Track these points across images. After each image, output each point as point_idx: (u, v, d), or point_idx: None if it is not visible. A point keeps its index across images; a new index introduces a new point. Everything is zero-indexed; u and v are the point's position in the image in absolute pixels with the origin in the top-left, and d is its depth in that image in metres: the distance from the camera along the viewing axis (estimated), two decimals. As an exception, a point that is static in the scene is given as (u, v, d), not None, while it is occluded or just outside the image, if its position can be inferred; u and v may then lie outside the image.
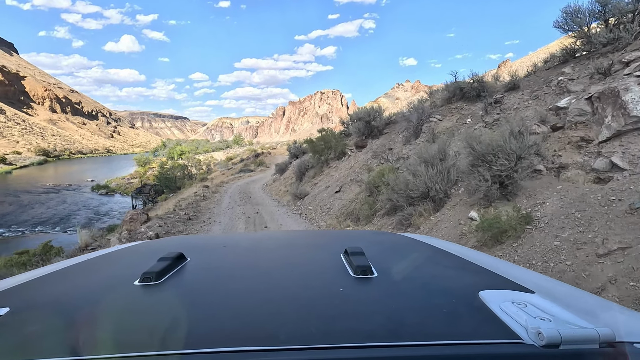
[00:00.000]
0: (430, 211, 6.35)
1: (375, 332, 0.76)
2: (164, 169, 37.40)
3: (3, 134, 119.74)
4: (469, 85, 10.80)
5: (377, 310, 0.88)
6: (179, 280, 1.12)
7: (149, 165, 51.85)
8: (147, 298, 1.00)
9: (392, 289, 1.03)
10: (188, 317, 0.85)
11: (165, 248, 1.51)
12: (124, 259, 1.55)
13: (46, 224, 27.68)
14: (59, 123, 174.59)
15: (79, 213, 31.80)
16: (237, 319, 0.85)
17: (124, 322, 0.86)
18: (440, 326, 0.79)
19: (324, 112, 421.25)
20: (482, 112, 9.05)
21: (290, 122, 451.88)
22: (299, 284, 1.11)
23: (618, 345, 0.65)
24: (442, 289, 1.05)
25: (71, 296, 1.08)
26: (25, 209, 33.70)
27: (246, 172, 27.71)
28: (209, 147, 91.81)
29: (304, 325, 0.80)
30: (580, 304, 0.97)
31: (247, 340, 0.73)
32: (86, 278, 1.28)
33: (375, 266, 1.16)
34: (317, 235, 2.47)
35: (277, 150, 45.66)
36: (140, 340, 0.76)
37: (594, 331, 0.65)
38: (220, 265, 1.36)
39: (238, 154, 52.70)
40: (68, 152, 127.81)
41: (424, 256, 1.44)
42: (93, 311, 0.92)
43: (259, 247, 1.71)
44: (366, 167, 11.50)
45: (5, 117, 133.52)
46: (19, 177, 60.69)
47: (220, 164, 42.93)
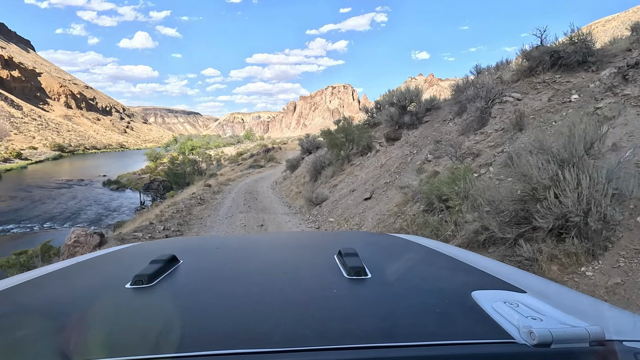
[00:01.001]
0: (580, 257, 3.24)
1: (369, 333, 0.77)
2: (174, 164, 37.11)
3: (20, 129, 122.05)
4: (568, 48, 7.49)
5: (371, 311, 0.90)
6: (171, 283, 1.12)
7: (160, 161, 51.71)
8: (139, 301, 0.99)
9: (386, 290, 1.04)
10: (180, 320, 0.84)
11: (158, 250, 1.51)
12: (115, 261, 1.55)
13: (56, 220, 27.53)
14: (74, 119, 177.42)
15: (90, 209, 31.70)
16: (230, 322, 0.85)
17: (115, 325, 0.86)
18: (433, 326, 0.80)
19: (335, 107, 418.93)
20: (606, 83, 6.29)
21: (302, 117, 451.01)
22: (292, 286, 1.11)
23: (608, 344, 0.66)
24: (435, 289, 1.05)
25: (61, 300, 1.07)
26: (37, 204, 33.77)
27: (256, 168, 26.73)
28: (220, 142, 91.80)
29: (297, 327, 0.80)
30: (571, 303, 0.99)
31: (240, 342, 0.73)
32: (77, 281, 1.27)
33: (368, 267, 1.15)
34: (311, 237, 2.51)
35: (288, 145, 44.82)
36: (132, 344, 0.75)
37: (584, 330, 0.66)
38: (213, 268, 1.36)
39: (249, 149, 52.10)
40: (82, 147, 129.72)
41: (417, 257, 1.45)
42: (84, 315, 0.91)
43: (253, 249, 1.70)
44: (407, 165, 8.99)
45: (22, 113, 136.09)
46: (33, 172, 61.51)
47: (231, 159, 42.44)
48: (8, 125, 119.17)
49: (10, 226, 25.28)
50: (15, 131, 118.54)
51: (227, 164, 37.74)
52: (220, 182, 20.17)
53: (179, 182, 28.59)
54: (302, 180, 15.79)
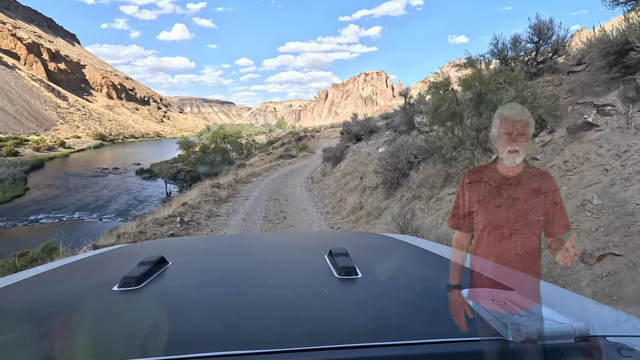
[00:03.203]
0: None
1: (360, 333, 0.77)
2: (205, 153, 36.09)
3: (65, 119, 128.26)
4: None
5: (362, 310, 0.90)
6: (160, 285, 1.10)
7: (192, 149, 51.41)
8: (126, 303, 0.98)
9: (376, 289, 1.04)
10: (169, 323, 0.83)
11: (146, 252, 1.48)
12: (103, 263, 1.53)
13: (85, 210, 27.18)
14: (114, 109, 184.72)
15: (120, 198, 31.48)
16: (219, 323, 0.84)
17: (102, 328, 0.83)
18: (423, 325, 0.81)
19: (368, 95, 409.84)
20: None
21: (333, 105, 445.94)
22: (283, 286, 1.10)
23: (592, 339, 0.68)
24: (425, 288, 1.07)
25: (47, 302, 1.04)
26: (71, 192, 34.01)
27: (286, 159, 24.21)
28: (252, 130, 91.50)
29: (288, 327, 0.80)
30: (557, 300, 1.00)
31: (230, 344, 0.72)
32: (63, 283, 1.25)
33: (359, 267, 1.15)
34: (302, 237, 2.59)
35: (321, 133, 42.43)
36: (119, 347, 0.74)
37: (569, 326, 0.67)
38: (202, 269, 1.35)
39: (280, 137, 50.33)
40: (122, 136, 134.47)
41: (408, 256, 1.45)
42: (70, 318, 0.89)
43: (243, 250, 1.70)
44: None
45: (67, 103, 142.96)
46: (74, 160, 63.65)
47: (261, 148, 40.95)
48: (55, 116, 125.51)
49: (41, 216, 25.05)
50: (62, 121, 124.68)
51: (257, 153, 36.12)
52: (242, 177, 15.64)
53: (207, 173, 27.24)
54: (357, 183, 10.06)
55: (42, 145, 72.72)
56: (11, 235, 20.77)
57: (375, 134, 14.13)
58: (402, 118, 11.92)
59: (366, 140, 13.89)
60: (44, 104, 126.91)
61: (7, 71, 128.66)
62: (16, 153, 57.93)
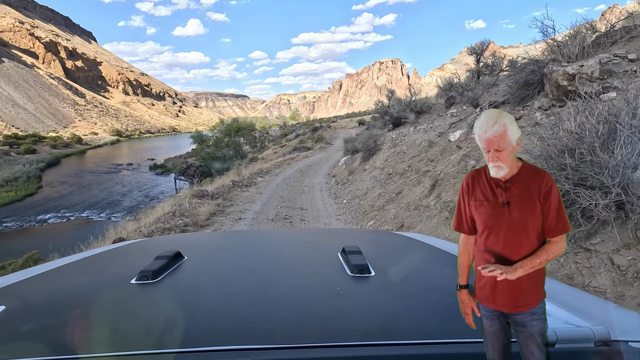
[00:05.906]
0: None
1: (372, 331, 0.77)
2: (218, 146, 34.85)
3: (83, 116, 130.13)
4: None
5: (374, 309, 0.89)
6: (175, 279, 1.11)
7: (206, 143, 50.51)
8: (144, 296, 0.98)
9: (389, 288, 1.03)
10: (184, 316, 0.83)
11: (162, 246, 1.47)
12: (121, 257, 1.56)
13: (94, 208, 26.32)
14: (131, 105, 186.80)
15: (131, 195, 30.66)
16: (233, 318, 0.85)
17: (121, 320, 0.86)
18: (436, 325, 0.81)
19: (383, 84, 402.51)
20: None
21: (347, 95, 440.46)
22: (295, 283, 1.10)
23: (613, 344, 0.65)
24: (439, 287, 1.04)
25: (68, 294, 1.07)
26: (84, 189, 33.42)
27: (301, 152, 22.22)
28: (265, 123, 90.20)
29: (299, 324, 0.80)
30: (576, 302, 0.96)
31: (242, 338, 0.73)
32: (83, 276, 1.26)
33: (372, 265, 1.13)
34: (315, 234, 2.58)
35: (337, 123, 40.49)
36: (136, 338, 0.75)
37: (589, 330, 0.65)
38: (217, 264, 1.36)
39: (294, 128, 48.62)
40: (138, 131, 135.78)
41: (422, 255, 1.43)
42: (90, 309, 0.90)
43: (256, 246, 1.70)
44: None
45: (85, 100, 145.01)
46: (90, 157, 63.82)
47: (275, 140, 39.42)
48: (73, 113, 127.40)
49: (49, 215, 24.23)
50: (80, 118, 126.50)
51: (271, 145, 34.53)
52: (248, 176, 13.11)
53: (218, 168, 25.84)
54: (422, 191, 6.23)
55: (59, 143, 73.33)
56: (13, 236, 19.89)
57: (426, 115, 10.31)
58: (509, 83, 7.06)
59: (412, 125, 10.00)
60: (62, 102, 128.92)
61: (26, 70, 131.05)
62: (34, 151, 58.29)
